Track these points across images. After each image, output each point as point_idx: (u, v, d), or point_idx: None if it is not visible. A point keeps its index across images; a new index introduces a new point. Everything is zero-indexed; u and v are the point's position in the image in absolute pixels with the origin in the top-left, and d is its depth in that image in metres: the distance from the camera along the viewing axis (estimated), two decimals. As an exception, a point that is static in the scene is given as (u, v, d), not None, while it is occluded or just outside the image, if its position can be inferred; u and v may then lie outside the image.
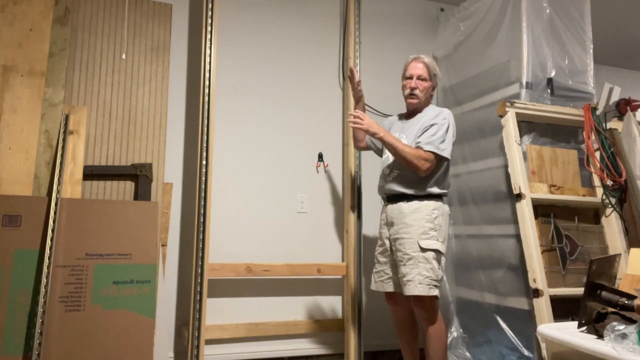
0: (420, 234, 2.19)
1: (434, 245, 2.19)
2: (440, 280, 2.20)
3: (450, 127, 2.29)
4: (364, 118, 2.28)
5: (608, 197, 2.65)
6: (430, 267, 2.16)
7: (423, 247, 2.18)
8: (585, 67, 2.84)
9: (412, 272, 2.16)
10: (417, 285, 2.15)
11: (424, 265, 2.16)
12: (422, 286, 2.15)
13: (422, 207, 2.23)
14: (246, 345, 2.75)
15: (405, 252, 2.20)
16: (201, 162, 2.54)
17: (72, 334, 2.05)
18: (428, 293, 2.15)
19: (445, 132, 2.26)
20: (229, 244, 2.78)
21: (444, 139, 2.25)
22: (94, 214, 2.21)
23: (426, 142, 2.23)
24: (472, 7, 3.06)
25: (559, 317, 2.26)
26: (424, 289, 2.14)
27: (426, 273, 2.15)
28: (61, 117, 2.31)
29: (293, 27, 3.12)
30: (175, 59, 2.81)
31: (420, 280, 2.15)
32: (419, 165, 2.20)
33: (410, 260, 2.18)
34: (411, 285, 2.16)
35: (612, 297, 1.62)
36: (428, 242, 2.19)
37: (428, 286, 2.15)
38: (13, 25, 2.31)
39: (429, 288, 2.15)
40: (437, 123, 2.27)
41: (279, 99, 3.03)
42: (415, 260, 2.17)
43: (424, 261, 2.16)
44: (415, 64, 2.39)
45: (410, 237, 2.20)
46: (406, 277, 2.18)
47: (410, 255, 2.18)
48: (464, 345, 2.79)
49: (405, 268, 2.19)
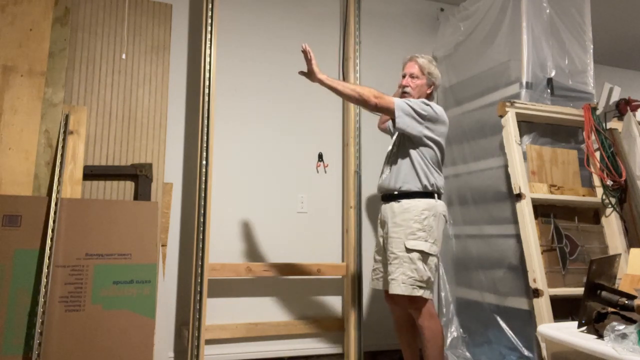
0: (408, 234, 2.20)
1: (420, 246, 2.18)
2: (426, 281, 2.18)
3: (427, 111, 2.24)
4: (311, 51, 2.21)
5: (608, 197, 2.65)
6: (414, 268, 2.16)
7: (408, 247, 2.18)
8: (585, 67, 2.83)
9: (397, 271, 2.18)
10: (400, 284, 2.16)
11: (408, 266, 2.17)
12: (404, 286, 2.15)
13: (412, 208, 2.23)
14: (246, 345, 2.75)
15: (392, 251, 2.22)
16: (201, 162, 2.54)
17: (72, 334, 2.05)
18: (411, 293, 2.15)
19: (420, 107, 2.23)
20: (229, 244, 2.78)
21: (414, 108, 2.22)
22: (94, 214, 2.21)
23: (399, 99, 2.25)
24: (472, 7, 3.06)
25: (559, 317, 2.26)
26: (406, 288, 2.15)
27: (410, 273, 2.16)
28: (61, 117, 2.31)
29: (293, 27, 3.12)
30: (175, 59, 2.81)
31: (404, 280, 2.16)
32: (367, 94, 2.19)
33: (395, 260, 2.20)
34: (394, 284, 2.18)
35: (612, 297, 1.62)
36: (414, 243, 2.19)
37: (411, 286, 2.15)
38: (13, 25, 2.31)
39: (412, 288, 2.15)
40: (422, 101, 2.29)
41: (279, 98, 3.03)
42: (401, 260, 2.18)
43: (408, 261, 2.17)
44: (409, 62, 2.44)
45: (398, 237, 2.22)
46: (391, 275, 2.20)
47: (397, 254, 2.20)
48: (464, 345, 2.79)
49: (391, 267, 2.21)
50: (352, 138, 2.96)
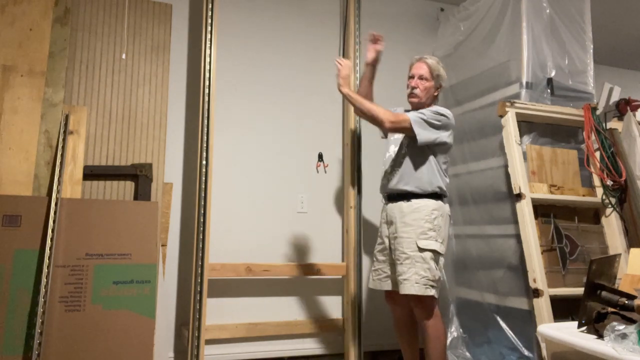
0: (419, 234, 2.20)
1: (432, 246, 2.19)
2: (437, 280, 2.19)
3: (442, 120, 2.25)
4: (344, 67, 2.40)
5: (608, 197, 2.65)
6: (427, 267, 2.17)
7: (421, 247, 2.18)
8: (585, 67, 2.83)
9: (409, 271, 2.17)
10: (414, 284, 2.15)
11: (421, 265, 2.16)
12: (418, 285, 2.15)
13: (422, 207, 2.23)
14: (246, 345, 2.75)
15: (403, 251, 2.20)
16: (201, 162, 2.54)
17: (72, 334, 2.05)
18: (424, 293, 2.15)
19: (434, 118, 2.24)
20: (229, 244, 2.78)
21: (430, 121, 2.23)
22: (94, 214, 2.21)
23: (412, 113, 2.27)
24: (472, 7, 3.06)
25: (559, 317, 2.26)
26: (420, 288, 2.15)
27: (423, 273, 2.16)
28: (61, 117, 2.31)
29: (293, 27, 3.12)
30: (175, 59, 2.81)
31: (417, 280, 2.15)
32: (382, 118, 2.24)
33: (407, 260, 2.18)
34: (407, 285, 2.16)
35: (612, 297, 1.61)
36: (426, 242, 2.19)
37: (424, 286, 2.15)
38: (13, 25, 2.31)
39: (425, 288, 2.15)
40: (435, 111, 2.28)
41: (279, 98, 3.03)
42: (413, 260, 2.17)
43: (421, 261, 2.17)
44: (418, 64, 2.41)
45: (409, 237, 2.21)
46: (402, 275, 2.19)
47: (408, 254, 2.19)
48: (464, 345, 2.79)
49: (402, 267, 2.19)
50: (352, 138, 2.96)
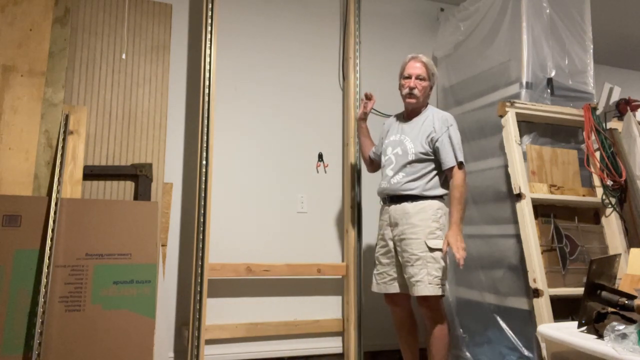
0: (427, 234, 2.19)
1: (441, 245, 2.19)
2: (446, 279, 2.21)
3: (460, 138, 2.34)
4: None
5: (608, 197, 2.65)
6: (439, 267, 2.17)
7: (431, 246, 2.18)
8: (585, 67, 2.83)
9: (421, 272, 2.16)
10: (427, 285, 2.14)
11: (433, 265, 2.16)
12: (432, 286, 2.15)
13: (427, 207, 2.23)
14: (246, 345, 2.75)
15: (413, 253, 2.19)
16: (201, 162, 2.54)
17: (72, 334, 2.05)
18: (438, 293, 2.16)
19: (458, 144, 2.31)
20: (229, 244, 2.78)
21: (458, 151, 2.29)
22: (94, 214, 2.21)
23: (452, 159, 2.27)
24: (472, 7, 3.06)
25: (559, 317, 2.26)
26: (433, 289, 2.15)
27: (435, 273, 2.16)
28: (61, 117, 2.31)
29: (293, 27, 3.12)
30: (175, 59, 2.81)
31: (430, 281, 2.15)
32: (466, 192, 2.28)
33: (418, 261, 2.17)
34: (421, 286, 2.15)
35: (612, 297, 1.61)
36: (435, 242, 2.19)
37: (437, 286, 2.16)
38: (13, 25, 2.31)
39: (438, 288, 2.16)
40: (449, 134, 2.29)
41: (279, 98, 3.03)
42: (424, 261, 2.17)
43: (432, 261, 2.16)
44: (414, 63, 2.39)
45: (417, 238, 2.20)
46: (414, 277, 2.17)
47: (418, 255, 2.18)
48: (464, 345, 2.79)
49: (414, 269, 2.18)
50: (352, 138, 2.96)
